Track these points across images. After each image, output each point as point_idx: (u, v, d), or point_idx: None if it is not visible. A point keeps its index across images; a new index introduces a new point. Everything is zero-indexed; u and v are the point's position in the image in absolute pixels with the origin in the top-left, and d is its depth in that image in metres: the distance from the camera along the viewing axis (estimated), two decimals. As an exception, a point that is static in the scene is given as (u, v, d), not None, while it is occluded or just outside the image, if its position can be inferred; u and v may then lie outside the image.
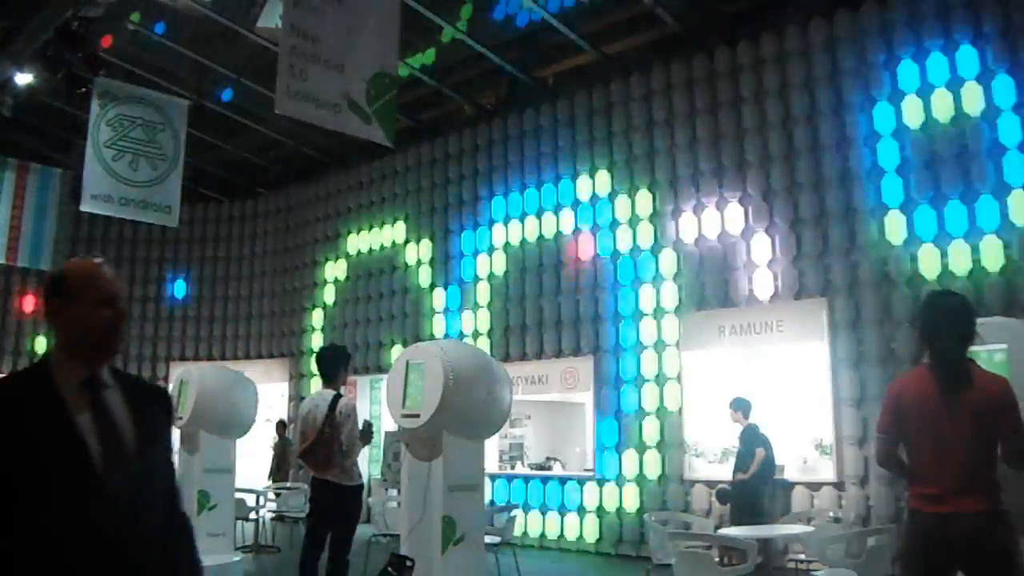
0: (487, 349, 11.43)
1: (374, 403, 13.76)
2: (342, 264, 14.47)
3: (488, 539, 6.92)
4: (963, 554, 3.25)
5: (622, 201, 10.77)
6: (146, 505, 1.90)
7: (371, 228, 14.08)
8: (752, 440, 8.11)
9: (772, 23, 9.83)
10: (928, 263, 8.30)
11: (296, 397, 14.32)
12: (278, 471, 13.29)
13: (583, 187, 11.23)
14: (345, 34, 6.80)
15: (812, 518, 7.98)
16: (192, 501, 8.10)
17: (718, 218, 9.90)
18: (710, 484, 9.33)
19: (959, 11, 8.50)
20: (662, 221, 10.36)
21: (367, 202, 14.31)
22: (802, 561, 7.55)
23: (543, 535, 10.84)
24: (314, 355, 6.65)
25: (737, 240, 9.71)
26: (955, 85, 8.42)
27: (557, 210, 11.48)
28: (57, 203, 12.63)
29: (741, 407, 8.31)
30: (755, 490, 7.98)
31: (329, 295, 14.59)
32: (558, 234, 11.40)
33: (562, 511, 10.73)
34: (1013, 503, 3.35)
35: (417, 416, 5.81)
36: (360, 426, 6.07)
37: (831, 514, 8.17)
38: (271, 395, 14.02)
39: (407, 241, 13.44)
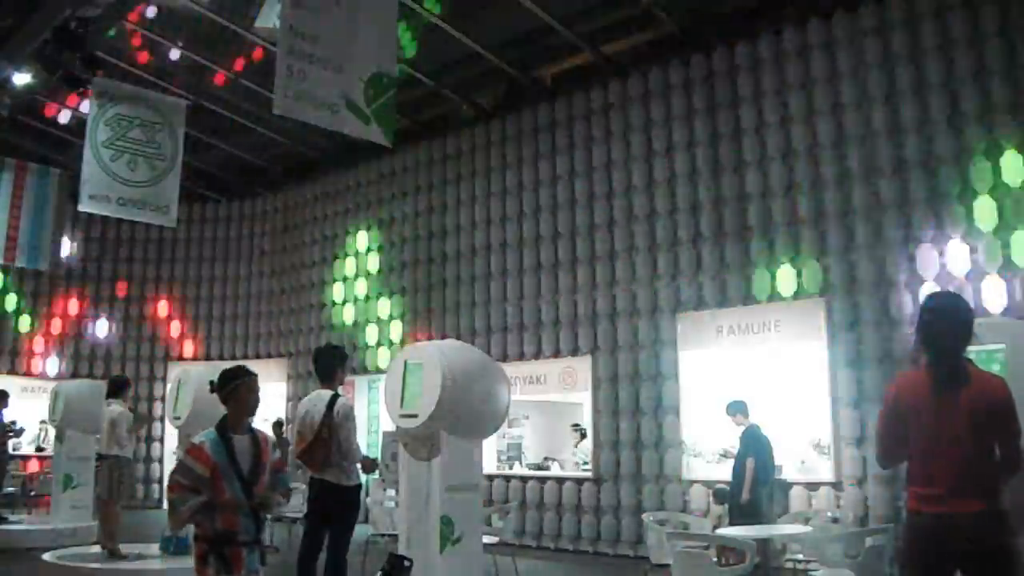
0: (484, 349, 11.43)
1: (373, 403, 13.79)
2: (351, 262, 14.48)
3: (486, 539, 6.92)
4: (962, 554, 3.25)
5: (621, 201, 10.78)
6: None
7: (369, 228, 14.08)
8: (749, 443, 8.09)
9: (770, 23, 9.84)
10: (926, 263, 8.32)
11: (294, 397, 14.31)
12: (276, 471, 13.26)
13: (581, 188, 11.23)
14: (343, 34, 6.80)
15: (810, 518, 7.98)
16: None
17: (716, 218, 9.91)
18: (708, 484, 9.34)
19: (957, 11, 8.51)
20: (661, 221, 10.36)
21: (364, 202, 14.30)
22: (800, 561, 7.55)
23: (541, 535, 10.84)
24: (311, 355, 6.70)
25: (736, 240, 9.72)
26: (953, 85, 8.43)
27: (554, 209, 11.48)
28: (55, 203, 12.61)
29: (739, 409, 8.29)
30: (752, 491, 7.97)
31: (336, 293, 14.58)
32: (555, 233, 11.41)
33: (560, 511, 10.73)
34: (1012, 503, 3.35)
35: (415, 416, 5.82)
36: (367, 454, 6.12)
37: (829, 514, 8.17)
38: (269, 395, 14.00)
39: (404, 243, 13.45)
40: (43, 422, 14.44)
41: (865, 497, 8.36)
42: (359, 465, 6.02)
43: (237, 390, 4.07)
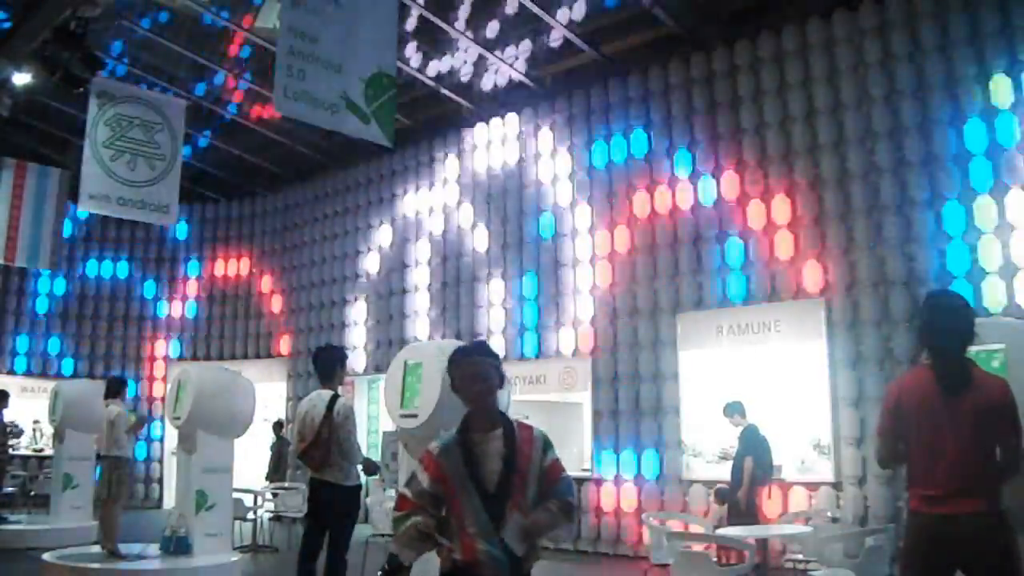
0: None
1: (372, 403, 13.79)
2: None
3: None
4: (963, 554, 3.25)
5: (619, 201, 10.78)
6: None
7: (369, 228, 14.09)
8: (747, 443, 8.09)
9: (770, 23, 9.84)
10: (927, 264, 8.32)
11: (294, 397, 14.31)
12: (276, 471, 13.28)
13: (581, 188, 11.23)
14: (343, 34, 6.79)
15: (810, 518, 7.99)
16: (190, 501, 8.11)
17: (717, 218, 9.91)
18: (708, 484, 9.34)
19: (956, 12, 8.51)
20: (661, 221, 10.36)
21: (365, 202, 14.30)
22: (800, 561, 7.56)
23: (541, 535, 10.81)
24: (311, 355, 6.72)
25: (736, 240, 9.72)
26: (952, 86, 8.42)
27: (555, 209, 11.48)
28: (55, 203, 12.60)
29: (737, 409, 8.31)
30: (752, 491, 7.97)
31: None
32: (556, 235, 11.40)
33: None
34: (1012, 503, 3.35)
35: (415, 416, 5.82)
36: (369, 457, 6.09)
37: (829, 514, 8.18)
38: (269, 395, 14.01)
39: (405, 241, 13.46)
40: (36, 422, 14.45)
41: (865, 497, 8.35)
42: (360, 466, 6.02)
43: (453, 378, 3.11)
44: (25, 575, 8.41)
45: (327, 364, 6.21)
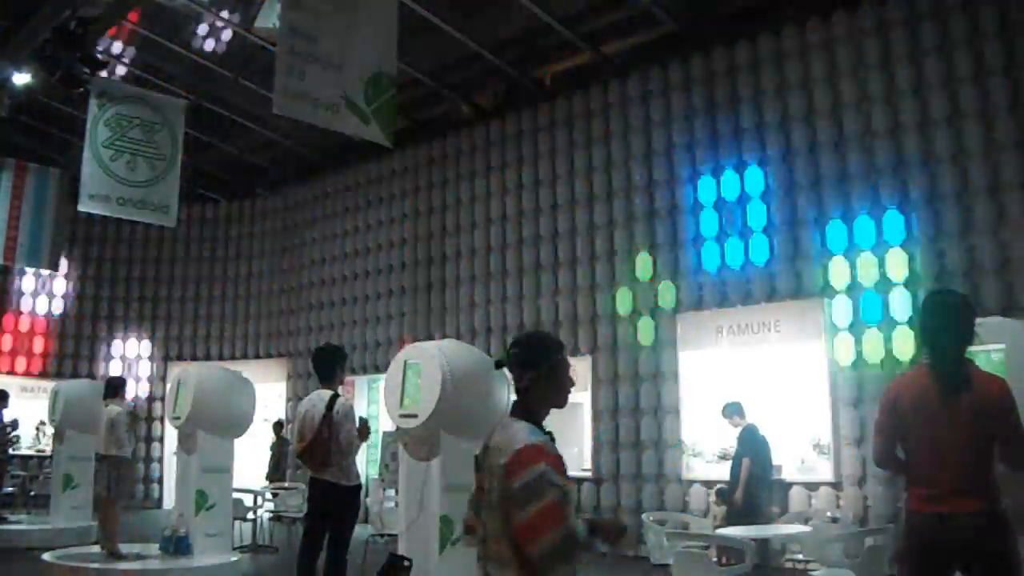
0: (484, 349, 11.43)
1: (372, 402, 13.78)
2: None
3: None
4: (961, 554, 3.25)
5: (621, 201, 10.79)
6: None
7: (369, 228, 14.09)
8: (746, 443, 8.09)
9: (770, 23, 9.84)
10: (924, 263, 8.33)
11: (294, 397, 14.31)
12: (276, 471, 13.28)
13: (581, 188, 11.23)
14: (343, 34, 6.79)
15: (810, 518, 7.99)
16: (190, 501, 8.11)
17: (716, 218, 9.91)
18: (708, 484, 9.34)
19: (956, 12, 8.51)
20: (661, 221, 10.37)
21: (364, 202, 14.31)
22: (800, 561, 7.56)
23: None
24: (311, 355, 6.73)
25: (737, 239, 9.72)
26: (953, 85, 8.43)
27: (554, 209, 11.49)
28: (55, 203, 12.60)
29: (736, 410, 8.30)
30: (752, 491, 7.98)
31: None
32: (555, 233, 11.41)
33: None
34: (1011, 503, 3.35)
35: (415, 416, 5.82)
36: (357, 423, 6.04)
37: (829, 514, 8.18)
38: (269, 395, 14.01)
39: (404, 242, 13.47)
40: (41, 423, 14.44)
41: (865, 497, 8.36)
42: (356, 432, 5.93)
43: (560, 366, 2.83)
44: (25, 575, 8.42)
45: (327, 364, 6.21)
